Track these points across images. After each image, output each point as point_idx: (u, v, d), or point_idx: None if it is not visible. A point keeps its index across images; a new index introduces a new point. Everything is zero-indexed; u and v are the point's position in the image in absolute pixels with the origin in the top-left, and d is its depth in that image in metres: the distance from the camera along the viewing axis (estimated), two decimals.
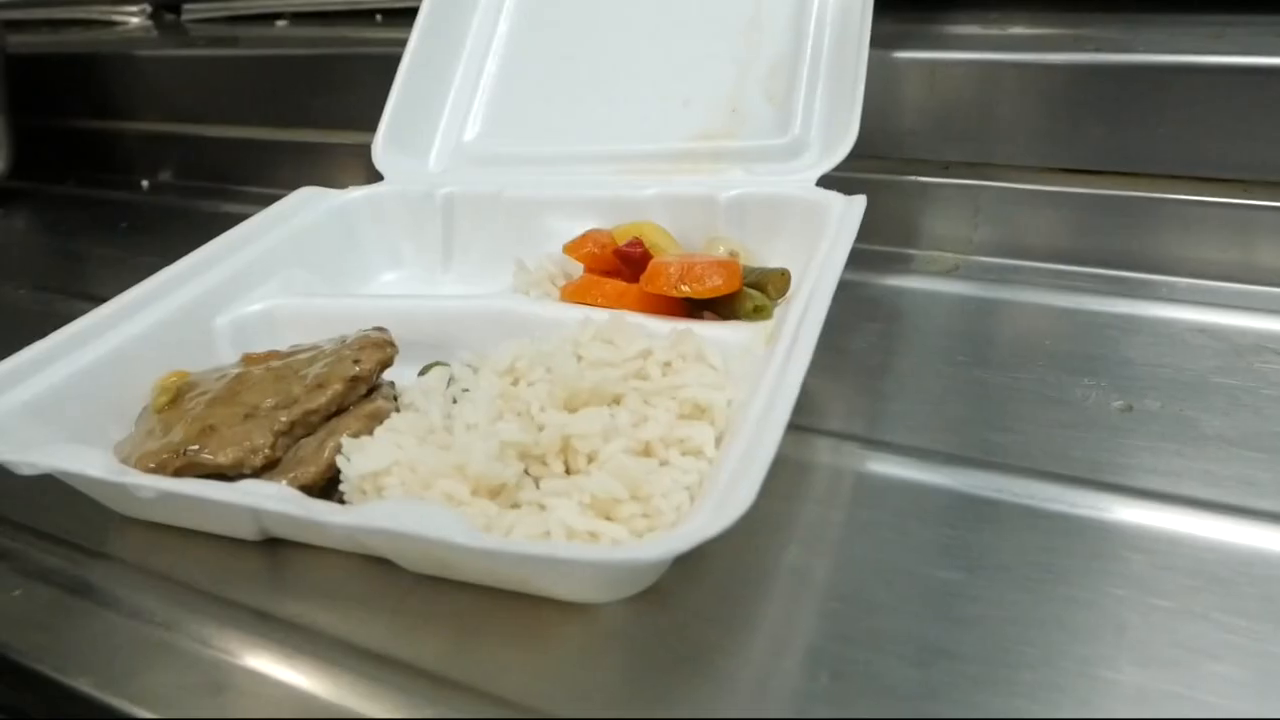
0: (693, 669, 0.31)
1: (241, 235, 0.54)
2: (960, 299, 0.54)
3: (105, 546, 0.40)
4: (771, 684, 0.31)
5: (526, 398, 0.38)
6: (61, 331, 0.45)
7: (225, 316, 0.50)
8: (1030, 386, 0.45)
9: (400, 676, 0.32)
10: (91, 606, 0.37)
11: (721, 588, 0.35)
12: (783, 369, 0.36)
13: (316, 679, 0.33)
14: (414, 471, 0.35)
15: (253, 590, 0.37)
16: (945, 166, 0.59)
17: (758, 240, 0.52)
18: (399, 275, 0.59)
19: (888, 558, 0.35)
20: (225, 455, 0.39)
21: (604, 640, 0.33)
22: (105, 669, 0.34)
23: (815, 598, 0.34)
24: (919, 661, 0.31)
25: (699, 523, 0.29)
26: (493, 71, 0.65)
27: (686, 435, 0.38)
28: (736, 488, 0.29)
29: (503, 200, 0.57)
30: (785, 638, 0.32)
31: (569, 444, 0.37)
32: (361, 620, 0.35)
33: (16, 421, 0.41)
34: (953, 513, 0.37)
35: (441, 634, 0.34)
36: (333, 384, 0.41)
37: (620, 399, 0.39)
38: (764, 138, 0.56)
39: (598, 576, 0.32)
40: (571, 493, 0.35)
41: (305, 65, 0.82)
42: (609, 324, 0.42)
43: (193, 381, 0.44)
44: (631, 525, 0.34)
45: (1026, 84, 0.56)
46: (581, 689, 0.31)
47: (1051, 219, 0.57)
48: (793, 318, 0.39)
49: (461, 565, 0.33)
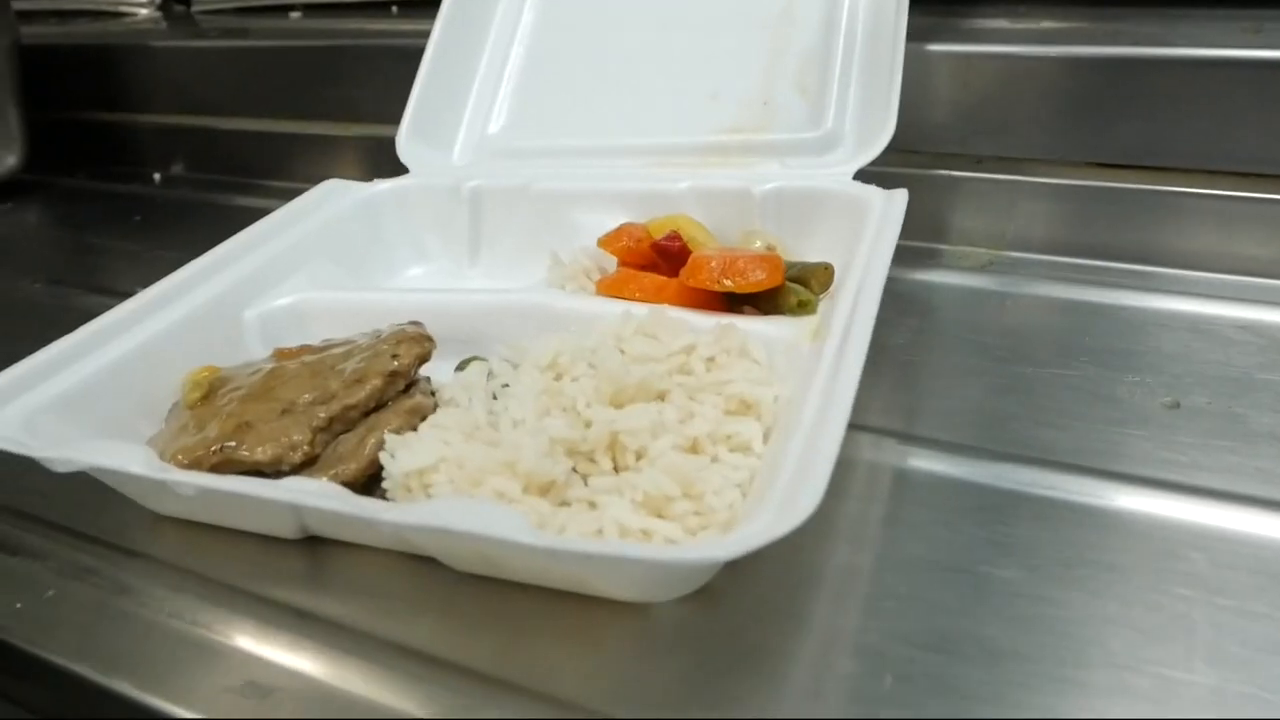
0: (752, 671, 0.31)
1: (267, 228, 0.53)
2: (996, 295, 0.54)
3: (139, 545, 0.40)
4: (834, 687, 0.30)
5: (571, 393, 0.38)
6: (88, 326, 0.44)
7: (253, 310, 0.49)
8: (1074, 383, 0.45)
9: (450, 677, 0.32)
10: (129, 607, 0.36)
11: (773, 587, 0.34)
12: (836, 366, 0.35)
13: (364, 680, 0.32)
14: (462, 468, 0.34)
15: (293, 589, 0.36)
16: (978, 161, 0.59)
17: (794, 234, 0.51)
18: (425, 269, 0.58)
19: (942, 556, 0.35)
20: (263, 452, 0.38)
21: (660, 641, 0.32)
22: (146, 670, 0.33)
23: (871, 597, 0.33)
24: (986, 662, 0.30)
25: (764, 521, 0.28)
26: (517, 63, 0.64)
27: (734, 431, 0.37)
28: (802, 487, 0.28)
29: (531, 193, 0.56)
30: (844, 639, 0.32)
31: (617, 440, 0.36)
32: (407, 620, 0.34)
33: (47, 417, 0.40)
34: (1006, 510, 0.37)
35: (491, 634, 0.33)
36: (371, 379, 0.40)
37: (665, 395, 0.39)
38: (796, 131, 0.55)
39: (660, 576, 0.31)
40: (623, 490, 0.34)
41: (320, 57, 0.81)
42: (651, 319, 0.42)
43: (224, 377, 0.43)
44: (684, 523, 0.34)
45: (1061, 78, 0.56)
46: (640, 690, 0.30)
47: (1086, 214, 0.56)
48: (841, 313, 0.39)
49: (514, 564, 0.33)
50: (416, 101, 0.62)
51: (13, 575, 0.39)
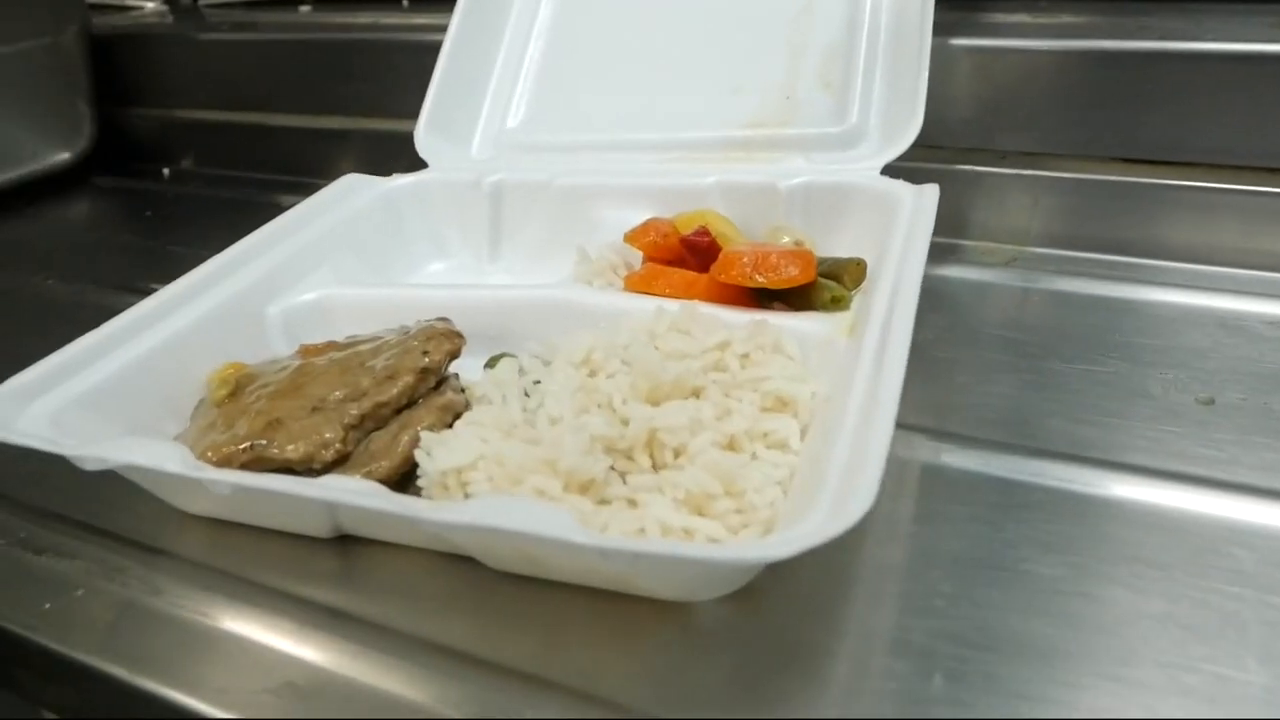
0: (799, 670, 0.30)
1: (288, 223, 0.52)
2: (1022, 291, 0.53)
3: (167, 544, 0.39)
4: (883, 686, 0.30)
5: (607, 390, 0.37)
6: (112, 323, 0.44)
7: (276, 306, 0.48)
8: (1105, 379, 0.44)
9: (491, 676, 0.31)
10: (160, 606, 0.36)
11: (812, 586, 0.34)
12: (877, 363, 0.35)
13: (404, 680, 0.32)
14: (502, 466, 0.33)
15: (327, 589, 0.36)
16: (1001, 156, 0.58)
17: (821, 230, 0.50)
18: (446, 265, 0.58)
19: (983, 553, 0.35)
20: (295, 450, 0.37)
21: (703, 640, 0.32)
22: (181, 671, 0.33)
23: (913, 595, 0.33)
24: (1035, 661, 0.30)
25: (817, 521, 0.28)
26: (536, 57, 0.64)
27: (771, 429, 0.37)
28: (853, 487, 0.28)
29: (553, 188, 0.56)
30: (889, 637, 0.31)
31: (655, 437, 0.36)
32: (444, 619, 0.34)
33: (73, 415, 0.39)
34: (1044, 507, 0.37)
35: (530, 633, 0.33)
36: (403, 375, 0.39)
37: (700, 391, 0.38)
38: (820, 126, 0.55)
39: (709, 575, 0.31)
40: (664, 488, 0.34)
41: (331, 51, 0.81)
42: (683, 315, 0.41)
43: (251, 373, 0.43)
44: (726, 521, 0.33)
45: (1085, 73, 0.56)
46: (685, 690, 0.30)
47: (1110, 210, 0.56)
48: (877, 310, 0.38)
49: (556, 563, 0.32)
50: (434, 95, 0.61)
51: (40, 575, 0.38)
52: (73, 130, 0.84)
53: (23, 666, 0.36)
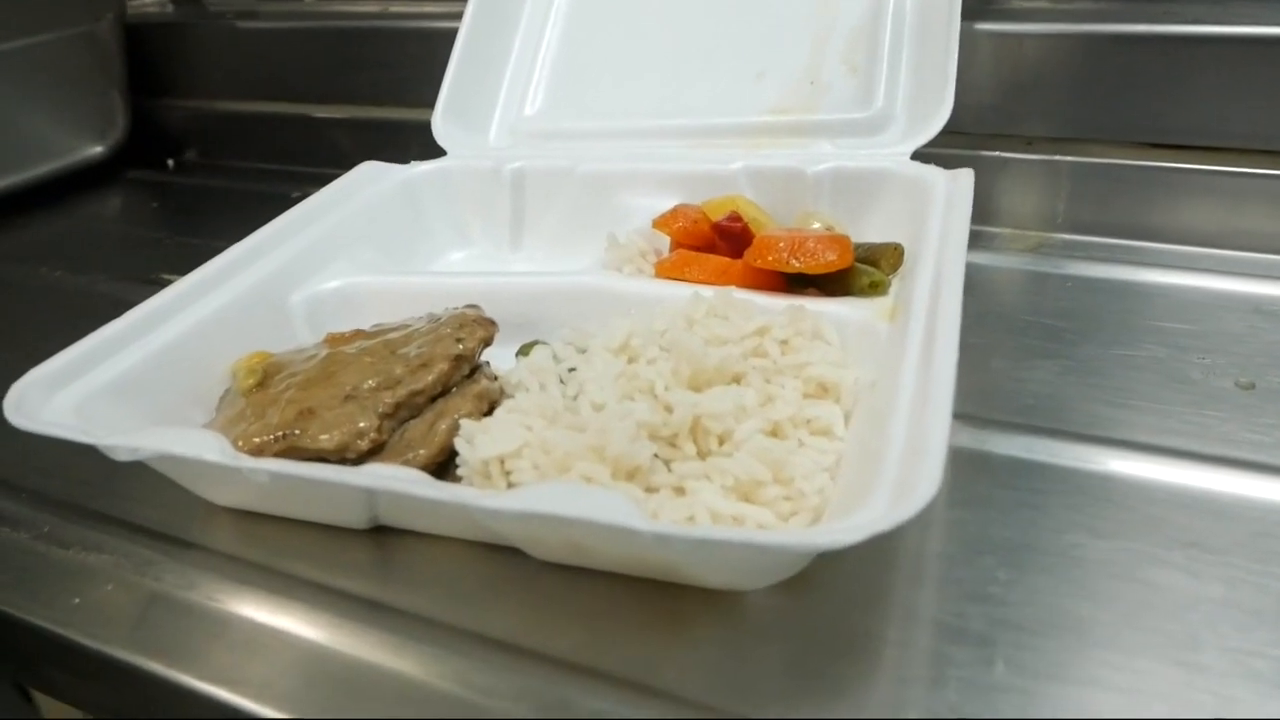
0: (859, 659, 0.30)
1: (307, 212, 0.51)
2: (1051, 277, 0.53)
3: (196, 537, 0.38)
4: (947, 674, 0.29)
5: (648, 376, 0.36)
6: (133, 312, 0.43)
7: (299, 294, 0.48)
8: (1143, 364, 0.44)
9: (541, 668, 0.31)
10: (193, 600, 0.35)
11: (861, 574, 0.33)
12: (927, 348, 0.34)
13: (451, 673, 0.31)
14: (548, 454, 0.33)
15: (364, 581, 0.35)
16: (1028, 142, 0.58)
17: (850, 216, 0.50)
18: (466, 254, 0.57)
19: (1034, 540, 0.34)
20: (329, 439, 0.37)
21: (758, 629, 0.31)
22: (219, 666, 0.32)
23: (970, 581, 0.32)
24: (1097, 646, 0.29)
25: (879, 507, 0.27)
26: (553, 44, 0.63)
27: (815, 415, 0.36)
28: (917, 472, 0.27)
29: (577, 175, 0.55)
30: (949, 625, 0.31)
31: (699, 424, 0.35)
32: (487, 610, 0.33)
33: (98, 405, 0.38)
34: (1092, 492, 0.36)
35: (577, 624, 0.32)
36: (437, 363, 0.39)
37: (740, 378, 0.38)
38: (846, 111, 0.54)
39: (766, 563, 0.30)
40: (711, 475, 0.33)
41: (337, 39, 0.79)
42: (722, 300, 0.40)
43: (278, 362, 0.42)
44: (775, 508, 0.33)
45: (1113, 57, 0.55)
46: (744, 680, 0.29)
47: (1138, 195, 0.55)
48: (920, 294, 0.38)
49: (605, 552, 0.32)
50: (451, 82, 0.60)
51: (68, 569, 0.37)
52: (106, 122, 0.83)
53: (55, 665, 0.35)
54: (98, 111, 0.82)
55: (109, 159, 0.83)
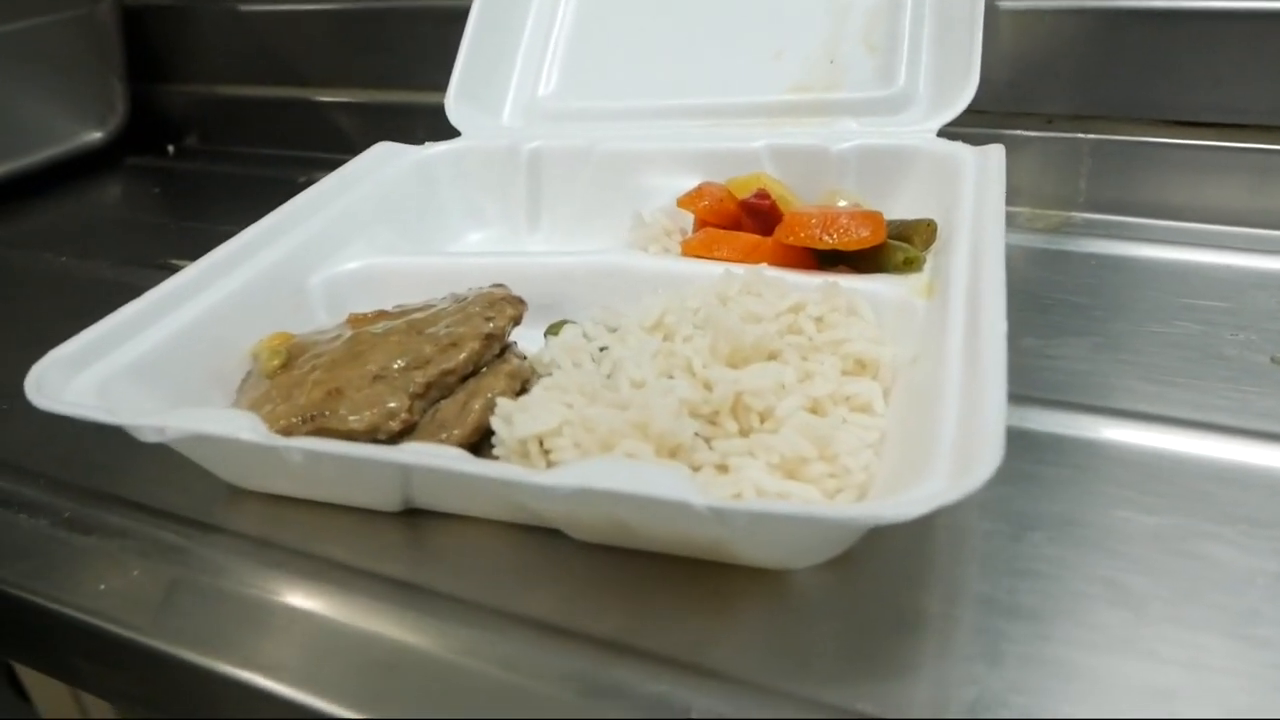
0: (912, 637, 0.29)
1: (323, 193, 0.50)
2: (1076, 255, 0.52)
3: (222, 521, 0.37)
4: (1004, 650, 0.28)
5: (685, 354, 0.36)
6: (151, 293, 0.42)
7: (317, 276, 0.47)
8: (1177, 340, 0.43)
9: (588, 649, 0.30)
10: (222, 585, 0.34)
11: (908, 551, 0.33)
12: (972, 324, 0.34)
13: (495, 656, 0.30)
14: (590, 431, 0.32)
15: (398, 563, 0.34)
16: (1048, 120, 0.57)
17: (876, 193, 0.49)
18: (483, 235, 0.56)
19: (1081, 515, 0.34)
20: (359, 420, 0.36)
21: (808, 607, 0.31)
22: (254, 652, 0.31)
23: (1020, 557, 0.32)
24: (1158, 622, 0.29)
25: (938, 481, 0.27)
26: (566, 23, 0.62)
27: (854, 392, 0.36)
28: (977, 445, 0.27)
29: (596, 154, 0.54)
30: (1002, 601, 0.30)
31: (740, 401, 0.34)
32: (527, 592, 0.32)
33: (121, 386, 0.37)
34: (1135, 468, 0.36)
35: (621, 604, 0.31)
36: (468, 342, 0.38)
37: (777, 355, 0.37)
38: (867, 89, 0.54)
39: (823, 539, 0.30)
40: (756, 452, 0.33)
41: (341, 21, 0.78)
42: (755, 278, 0.40)
43: (301, 343, 0.41)
44: (820, 485, 0.32)
45: (1134, 32, 0.54)
46: (799, 658, 0.29)
47: (1159, 173, 0.55)
48: (958, 270, 0.37)
49: (650, 531, 0.31)
50: (464, 63, 0.59)
51: (91, 555, 0.36)
52: (106, 108, 0.81)
53: (82, 655, 0.34)
54: (97, 97, 0.80)
55: (108, 145, 0.82)
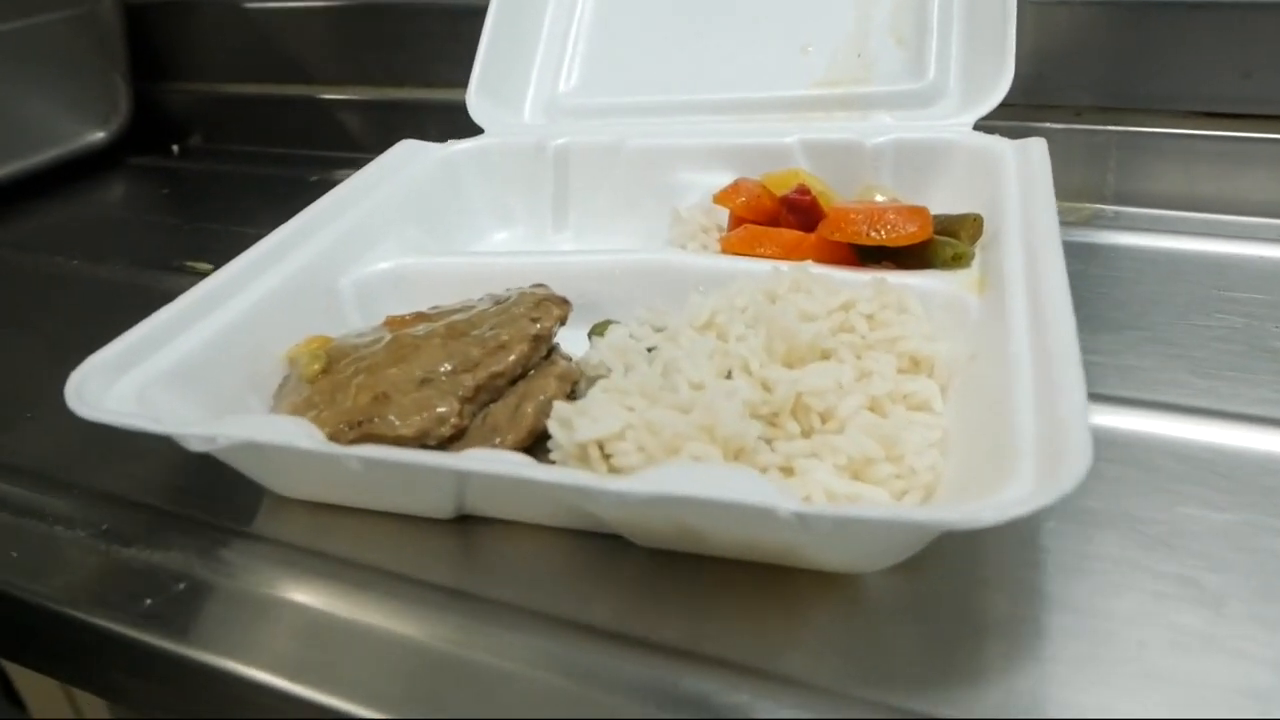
0: (990, 638, 0.29)
1: (349, 193, 0.49)
2: (1106, 248, 0.52)
3: (267, 531, 0.36)
4: (1086, 652, 0.28)
5: (741, 353, 0.35)
6: (184, 298, 0.41)
7: (348, 277, 0.46)
8: (1220, 334, 0.43)
9: (655, 658, 0.29)
10: (275, 597, 0.33)
11: (975, 553, 0.32)
12: (1036, 319, 0.33)
13: (553, 663, 0.29)
14: (655, 435, 0.31)
15: (455, 572, 0.34)
16: (1077, 113, 0.57)
17: (913, 188, 0.49)
18: (510, 234, 0.55)
19: (1147, 512, 0.33)
20: (408, 425, 0.35)
21: (884, 611, 0.30)
22: (313, 667, 0.30)
23: (1089, 557, 0.31)
24: (1246, 622, 0.28)
25: (1025, 483, 0.26)
26: (585, 18, 0.61)
27: (912, 390, 0.35)
28: (1064, 445, 0.26)
29: (626, 150, 0.53)
30: (1074, 602, 0.30)
31: (800, 401, 0.34)
32: (587, 599, 0.32)
33: (160, 392, 0.36)
34: (1194, 462, 0.35)
35: (684, 610, 0.31)
36: (517, 344, 0.37)
37: (830, 353, 0.37)
38: (896, 83, 0.53)
39: (901, 541, 0.29)
40: (822, 454, 0.32)
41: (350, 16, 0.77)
42: (803, 275, 0.39)
43: (340, 347, 0.40)
44: (888, 487, 0.32)
45: (1162, 23, 0.54)
46: (880, 663, 0.28)
47: (1188, 165, 0.55)
48: (1013, 264, 0.37)
49: (718, 535, 0.30)
50: (484, 58, 0.58)
51: (134, 569, 0.35)
52: (108, 107, 0.80)
53: (131, 672, 0.33)
54: (99, 96, 0.79)
55: (111, 145, 0.80)
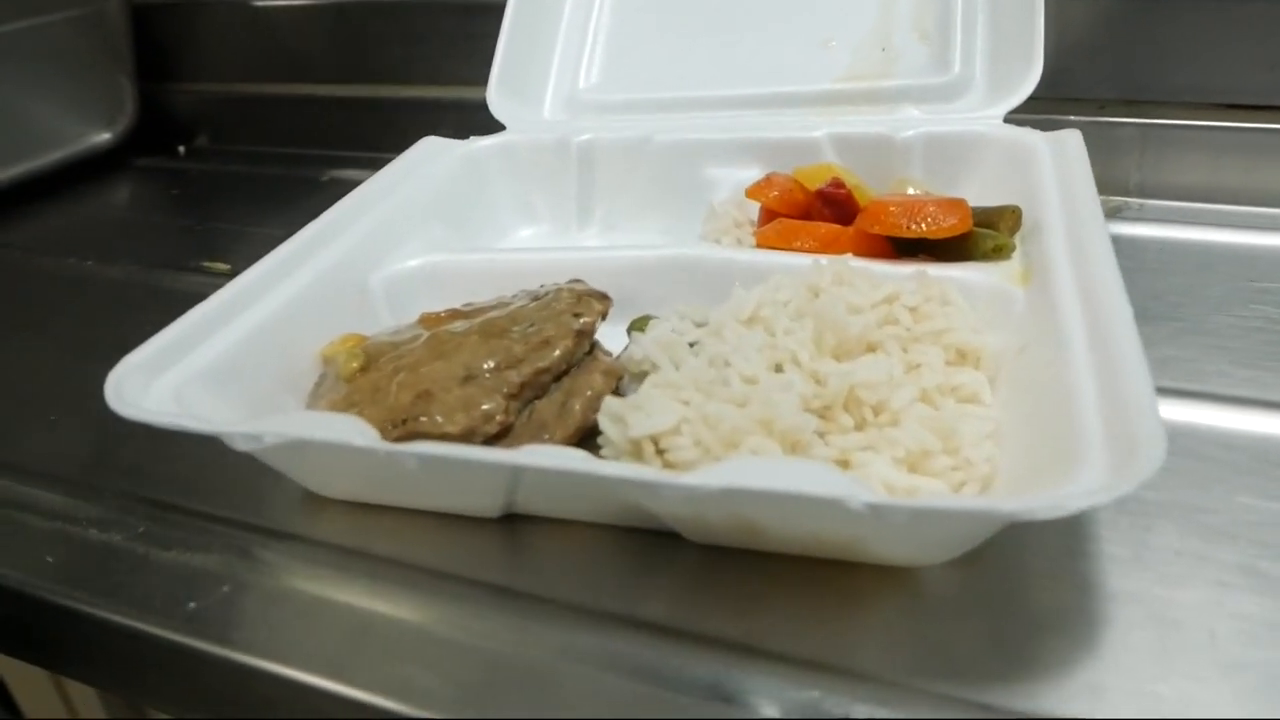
0: (1056, 632, 0.28)
1: (374, 191, 0.49)
2: (1135, 240, 0.52)
3: (309, 531, 0.36)
4: (1154, 644, 0.28)
5: (790, 347, 0.35)
6: (215, 298, 0.40)
7: (378, 275, 0.45)
8: (1257, 325, 0.43)
9: (714, 652, 0.29)
10: (321, 597, 0.33)
11: (1033, 546, 0.32)
12: (1088, 309, 0.33)
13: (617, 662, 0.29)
14: (713, 429, 0.31)
15: (503, 571, 0.33)
16: (1101, 106, 0.57)
17: (945, 181, 0.48)
18: (535, 231, 0.55)
19: (1203, 503, 0.33)
20: (454, 422, 0.34)
21: (948, 605, 0.30)
22: (365, 669, 0.30)
23: (1145, 548, 0.31)
24: None
25: (1098, 473, 0.26)
26: (606, 14, 0.61)
27: (961, 382, 0.35)
28: (1136, 435, 0.26)
29: (653, 146, 0.53)
30: (1139, 594, 0.30)
31: (852, 394, 0.33)
32: (642, 596, 0.31)
33: (197, 392, 0.36)
34: (1246, 453, 0.35)
35: (744, 606, 0.30)
36: (560, 340, 0.36)
37: (877, 346, 0.36)
38: (921, 76, 0.53)
39: (960, 535, 0.29)
40: (879, 446, 0.32)
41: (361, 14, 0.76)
42: (845, 268, 0.39)
43: (377, 345, 0.39)
44: (946, 479, 0.31)
45: (1187, 16, 0.54)
46: (952, 659, 0.28)
47: (1213, 157, 0.55)
48: (1057, 256, 0.37)
49: (778, 530, 0.30)
50: (503, 54, 0.58)
51: (175, 572, 0.34)
52: (114, 108, 0.78)
53: (178, 677, 0.32)
54: (105, 97, 0.78)
55: (117, 146, 0.79)
